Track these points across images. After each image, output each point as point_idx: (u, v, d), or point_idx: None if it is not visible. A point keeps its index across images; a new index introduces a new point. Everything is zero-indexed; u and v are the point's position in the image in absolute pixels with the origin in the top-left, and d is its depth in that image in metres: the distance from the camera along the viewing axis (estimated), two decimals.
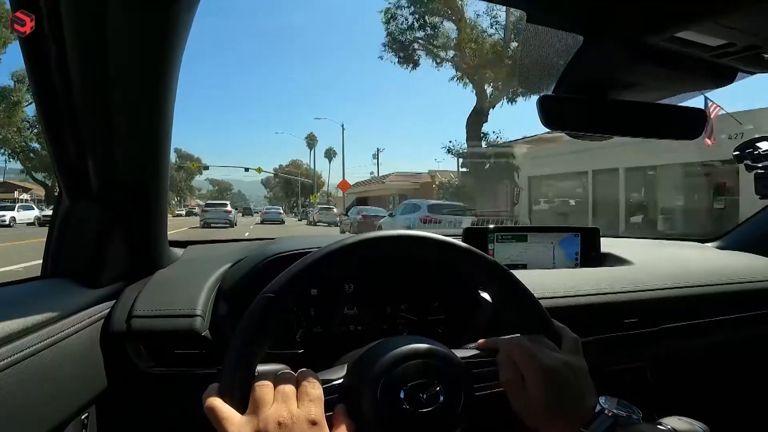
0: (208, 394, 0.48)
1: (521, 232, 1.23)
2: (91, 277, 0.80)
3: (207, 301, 0.82)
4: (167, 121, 0.78)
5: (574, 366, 0.53)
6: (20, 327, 0.58)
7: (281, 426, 0.44)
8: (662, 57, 0.56)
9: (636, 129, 0.66)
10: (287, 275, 0.51)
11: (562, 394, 0.51)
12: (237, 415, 0.46)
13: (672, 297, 1.03)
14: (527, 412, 0.52)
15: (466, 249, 0.57)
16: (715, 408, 1.01)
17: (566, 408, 0.51)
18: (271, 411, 0.45)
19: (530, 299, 0.58)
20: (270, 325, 0.50)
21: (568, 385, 0.51)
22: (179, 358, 0.77)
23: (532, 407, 0.51)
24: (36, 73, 0.69)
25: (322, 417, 0.46)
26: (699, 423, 0.63)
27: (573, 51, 0.59)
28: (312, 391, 0.47)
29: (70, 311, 0.70)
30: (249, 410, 0.46)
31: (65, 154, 0.75)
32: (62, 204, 0.82)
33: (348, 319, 0.90)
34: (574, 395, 0.51)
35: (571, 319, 0.63)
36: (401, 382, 0.50)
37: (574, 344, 0.57)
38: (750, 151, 1.19)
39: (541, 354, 0.53)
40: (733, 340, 1.12)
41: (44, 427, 0.62)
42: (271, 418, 0.44)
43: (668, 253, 1.35)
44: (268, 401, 0.46)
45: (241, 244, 1.16)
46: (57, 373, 0.64)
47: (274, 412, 0.45)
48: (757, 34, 0.50)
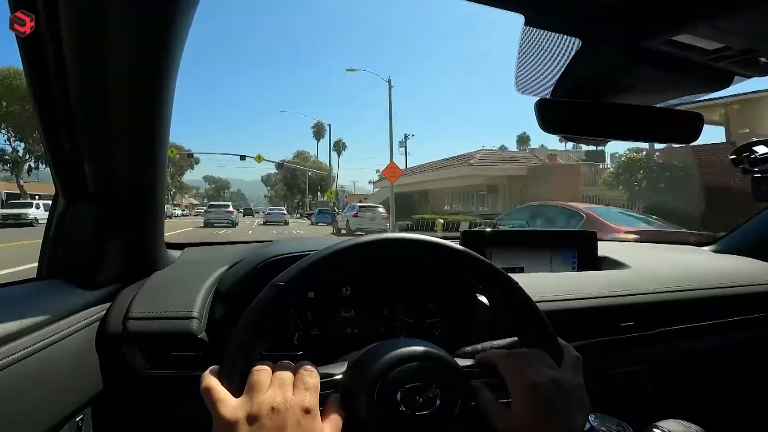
0: (207, 374, 0.48)
1: (519, 236, 1.23)
2: (88, 279, 0.80)
3: (204, 304, 0.82)
4: (164, 123, 0.78)
5: (566, 384, 0.52)
6: (16, 328, 0.58)
7: (274, 411, 0.44)
8: (659, 60, 0.56)
9: (634, 132, 0.66)
10: (299, 267, 0.52)
11: (546, 411, 0.50)
12: (232, 397, 0.46)
13: (669, 300, 1.04)
14: (511, 428, 0.51)
15: (464, 252, 0.57)
16: (712, 411, 1.01)
17: (551, 426, 0.50)
18: (266, 396, 0.45)
19: (533, 310, 0.57)
20: (277, 313, 0.50)
21: (552, 403, 0.51)
22: (175, 361, 0.77)
23: (516, 423, 0.51)
24: (33, 73, 0.69)
25: (316, 406, 0.46)
26: (696, 426, 0.64)
27: (570, 54, 0.59)
28: (309, 380, 0.48)
29: (66, 313, 0.70)
30: (244, 393, 0.46)
31: (62, 154, 0.75)
32: (58, 205, 0.82)
33: (345, 322, 0.90)
34: (561, 413, 0.51)
35: (568, 323, 0.63)
36: (398, 384, 0.49)
37: (575, 362, 0.56)
38: (747, 155, 1.19)
39: (527, 370, 0.52)
40: (730, 344, 1.13)
41: (39, 429, 0.61)
42: (265, 403, 0.44)
43: (665, 256, 1.35)
44: (264, 386, 0.46)
45: (239, 247, 1.16)
46: (52, 375, 0.64)
47: (268, 397, 0.45)
48: (754, 38, 0.50)
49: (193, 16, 0.69)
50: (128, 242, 0.87)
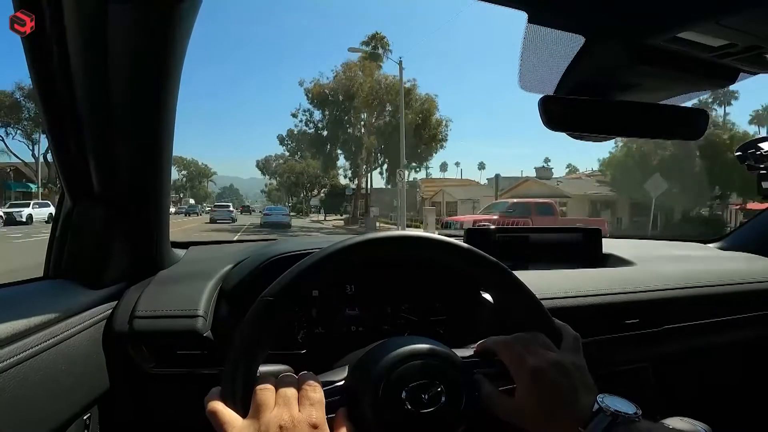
0: (209, 398, 0.48)
1: (523, 233, 1.22)
2: (93, 278, 0.80)
3: (209, 302, 0.82)
4: (169, 122, 0.78)
5: (567, 365, 0.53)
6: (23, 327, 0.59)
7: (282, 430, 0.44)
8: (664, 58, 0.56)
9: (638, 130, 0.66)
10: (287, 278, 0.51)
11: (552, 395, 0.50)
12: (238, 418, 0.46)
13: (673, 298, 1.03)
14: (518, 416, 0.51)
15: (467, 249, 0.57)
16: (716, 408, 1.01)
17: (558, 409, 0.50)
18: (273, 415, 0.45)
19: (528, 296, 0.58)
20: (270, 328, 0.50)
21: (557, 386, 0.51)
22: (181, 359, 0.77)
23: (523, 410, 0.51)
24: (38, 74, 0.69)
25: (324, 420, 0.46)
26: (701, 423, 0.63)
27: (574, 52, 0.59)
28: (313, 395, 0.48)
29: (73, 312, 0.70)
30: (250, 414, 0.46)
31: (68, 154, 0.76)
32: (64, 205, 0.82)
33: (349, 320, 0.90)
34: (566, 395, 0.51)
35: (571, 320, 0.63)
36: (403, 382, 0.50)
37: (574, 342, 0.57)
38: (752, 152, 1.19)
39: (527, 355, 0.53)
40: (734, 341, 1.12)
41: (46, 427, 0.62)
42: (273, 422, 0.44)
43: (670, 253, 1.35)
44: (269, 405, 0.46)
45: (243, 245, 1.16)
46: (59, 374, 0.64)
47: (275, 416, 0.45)
48: (759, 35, 0.50)
49: (196, 15, 0.69)
50: (134, 241, 0.87)
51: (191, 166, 68.22)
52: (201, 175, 71.04)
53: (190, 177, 67.83)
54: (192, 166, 67.92)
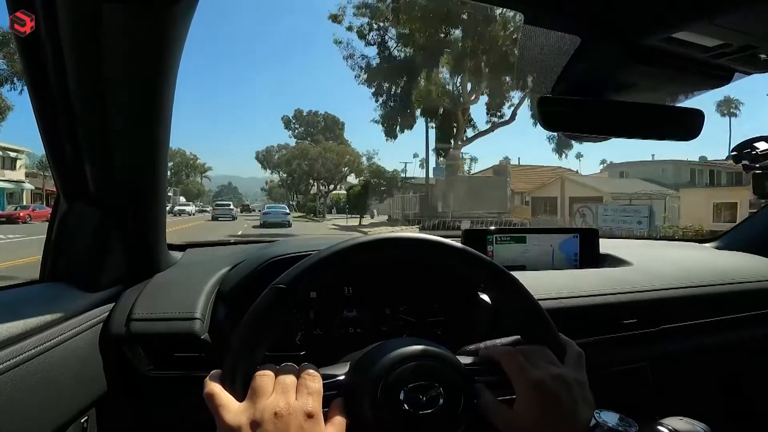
0: (209, 379, 0.48)
1: (520, 234, 1.23)
2: (90, 281, 0.80)
3: (206, 304, 0.82)
4: (165, 124, 0.78)
5: (569, 379, 0.52)
6: (19, 330, 0.58)
7: (277, 416, 0.44)
8: (659, 58, 0.56)
9: (635, 130, 0.66)
10: (300, 268, 0.51)
11: (551, 408, 0.50)
12: (235, 402, 0.46)
13: (671, 298, 1.03)
14: (516, 427, 0.51)
15: (466, 251, 0.57)
16: (715, 408, 1.01)
17: (556, 422, 0.50)
18: (269, 401, 0.45)
19: (534, 307, 0.57)
20: (278, 316, 0.50)
21: (557, 399, 0.51)
22: (178, 362, 0.77)
23: (521, 421, 0.51)
24: (33, 74, 0.68)
25: (319, 410, 0.46)
26: (700, 423, 0.63)
27: (570, 52, 0.59)
28: (311, 384, 0.48)
29: (69, 315, 0.70)
30: (247, 398, 0.46)
31: (63, 156, 0.75)
32: (60, 207, 0.82)
33: (347, 321, 0.90)
34: (565, 409, 0.51)
35: (570, 320, 0.63)
36: (401, 383, 0.50)
37: (578, 358, 0.57)
38: (748, 152, 1.19)
39: (530, 366, 0.52)
40: (732, 340, 1.12)
41: (43, 430, 0.62)
42: (268, 408, 0.44)
43: (667, 253, 1.35)
44: (267, 391, 0.46)
45: (240, 247, 1.16)
46: (56, 377, 0.64)
47: (271, 402, 0.45)
48: (754, 34, 0.50)
49: (191, 16, 0.69)
50: (130, 244, 0.87)
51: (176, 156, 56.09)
52: (189, 167, 60.72)
53: (177, 170, 56.87)
54: (177, 156, 56.35)
